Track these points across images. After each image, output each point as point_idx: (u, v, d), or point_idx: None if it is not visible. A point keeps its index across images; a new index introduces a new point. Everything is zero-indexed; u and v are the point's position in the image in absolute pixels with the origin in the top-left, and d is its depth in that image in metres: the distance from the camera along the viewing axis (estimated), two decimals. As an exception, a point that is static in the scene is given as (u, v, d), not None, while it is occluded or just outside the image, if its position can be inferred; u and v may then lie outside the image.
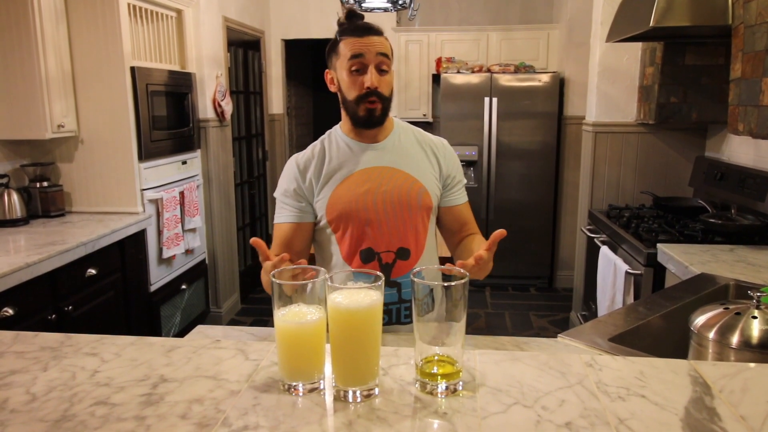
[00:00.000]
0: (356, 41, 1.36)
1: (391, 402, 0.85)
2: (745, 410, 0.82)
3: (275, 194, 1.51)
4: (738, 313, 1.18)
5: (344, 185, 1.43)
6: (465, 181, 1.56)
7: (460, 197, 1.53)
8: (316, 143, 1.51)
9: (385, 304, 1.44)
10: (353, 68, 1.37)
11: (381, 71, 1.38)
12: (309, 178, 1.45)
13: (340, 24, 1.42)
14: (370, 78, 1.36)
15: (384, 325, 1.46)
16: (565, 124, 4.50)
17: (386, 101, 1.41)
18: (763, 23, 2.06)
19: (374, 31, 1.39)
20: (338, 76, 1.42)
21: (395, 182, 1.43)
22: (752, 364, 0.99)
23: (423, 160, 1.48)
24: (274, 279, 0.86)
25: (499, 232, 1.20)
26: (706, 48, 2.93)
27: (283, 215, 1.47)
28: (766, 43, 2.04)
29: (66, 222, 2.71)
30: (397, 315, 1.45)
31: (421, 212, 1.44)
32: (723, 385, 0.90)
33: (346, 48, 1.37)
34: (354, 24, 1.40)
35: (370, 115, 1.40)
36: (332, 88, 1.45)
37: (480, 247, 1.44)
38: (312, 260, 1.54)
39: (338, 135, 1.49)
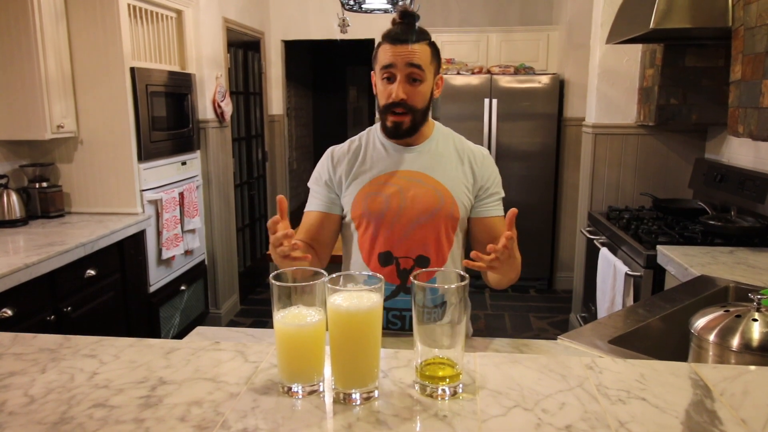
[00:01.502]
0: (390, 49, 1.35)
1: (391, 404, 0.85)
2: (746, 413, 0.82)
3: (309, 183, 1.52)
4: (738, 316, 1.17)
5: (372, 185, 1.43)
6: (502, 194, 1.50)
7: (492, 209, 1.46)
8: (355, 138, 1.51)
9: (399, 310, 1.44)
10: (384, 76, 1.37)
11: (413, 81, 1.36)
12: (339, 173, 1.46)
13: (392, 22, 1.40)
14: (396, 90, 1.35)
15: (396, 329, 1.46)
16: (565, 125, 4.50)
17: (416, 113, 1.38)
18: (763, 25, 2.06)
19: (411, 39, 1.34)
20: (377, 80, 1.42)
21: (423, 189, 1.41)
22: (753, 367, 0.99)
23: (457, 169, 1.44)
24: (273, 281, 0.86)
25: (511, 212, 1.22)
26: (706, 50, 2.93)
27: (313, 203, 1.48)
28: (766, 45, 2.04)
29: (65, 223, 2.71)
30: (410, 322, 1.44)
31: (446, 222, 1.41)
32: (723, 388, 0.89)
33: (381, 55, 1.37)
34: (399, 27, 1.37)
35: (396, 128, 1.39)
36: (375, 91, 1.44)
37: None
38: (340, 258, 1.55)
39: (377, 134, 1.49)
